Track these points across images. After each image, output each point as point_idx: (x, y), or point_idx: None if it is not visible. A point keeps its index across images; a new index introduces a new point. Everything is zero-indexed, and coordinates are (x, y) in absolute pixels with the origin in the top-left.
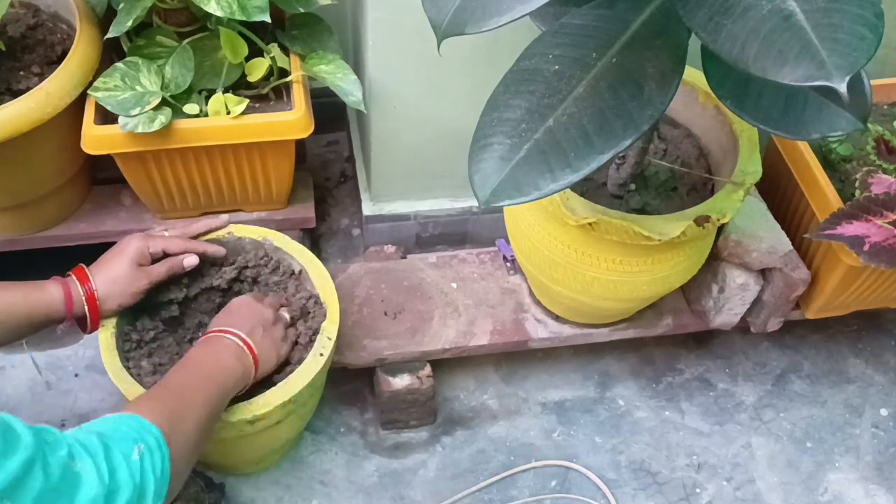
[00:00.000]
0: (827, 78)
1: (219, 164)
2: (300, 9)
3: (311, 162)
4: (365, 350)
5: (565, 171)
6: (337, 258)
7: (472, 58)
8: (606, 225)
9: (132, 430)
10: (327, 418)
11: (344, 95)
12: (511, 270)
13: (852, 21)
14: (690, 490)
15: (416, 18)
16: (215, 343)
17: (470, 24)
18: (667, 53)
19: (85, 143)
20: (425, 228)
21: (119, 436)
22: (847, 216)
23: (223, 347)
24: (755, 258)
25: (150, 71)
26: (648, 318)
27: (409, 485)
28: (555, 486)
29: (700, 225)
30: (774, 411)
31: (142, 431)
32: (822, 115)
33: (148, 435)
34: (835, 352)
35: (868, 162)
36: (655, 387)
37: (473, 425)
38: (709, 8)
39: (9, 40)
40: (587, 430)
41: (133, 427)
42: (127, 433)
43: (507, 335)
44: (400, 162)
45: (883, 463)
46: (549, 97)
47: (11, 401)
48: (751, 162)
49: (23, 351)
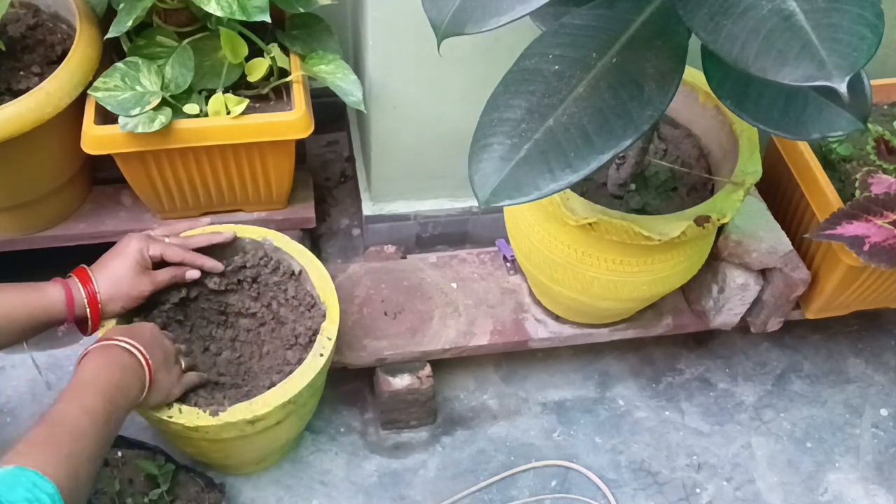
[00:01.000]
0: (827, 78)
1: (219, 164)
2: (300, 9)
3: (311, 162)
4: (365, 350)
5: (565, 171)
6: (337, 258)
7: (472, 58)
8: (606, 225)
9: (25, 489)
10: (327, 418)
11: (344, 95)
12: (511, 270)
13: (852, 21)
14: (690, 490)
15: (416, 18)
16: (115, 356)
17: (470, 24)
18: (667, 53)
19: (85, 143)
20: (425, 228)
21: (13, 499)
22: (847, 216)
23: (126, 363)
24: (755, 258)
25: (151, 71)
26: (648, 318)
27: (409, 485)
28: (555, 486)
29: (700, 225)
30: (774, 411)
31: (35, 490)
32: (823, 115)
33: (42, 493)
34: (835, 352)
35: (868, 162)
36: (655, 387)
37: (473, 425)
38: (709, 8)
39: (9, 40)
40: (587, 430)
41: (26, 486)
42: (21, 495)
43: (507, 335)
44: (400, 162)
45: (883, 463)
46: (550, 97)
47: (11, 401)
48: (751, 162)
49: (23, 351)
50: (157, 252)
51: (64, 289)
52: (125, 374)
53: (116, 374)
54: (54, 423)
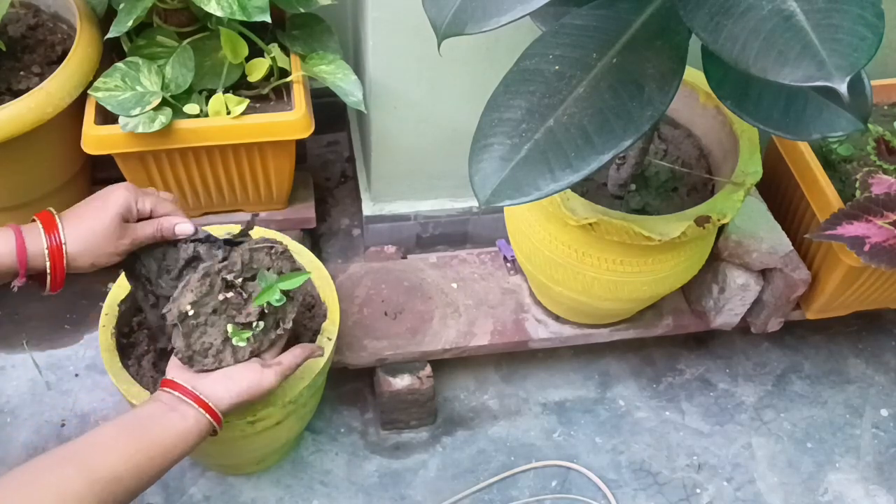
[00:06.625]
0: (827, 78)
1: (219, 164)
2: (300, 9)
3: (311, 162)
4: (365, 350)
5: (565, 172)
6: (337, 258)
7: (472, 58)
8: (607, 225)
9: None
10: (328, 418)
11: (344, 96)
12: (511, 271)
13: (853, 21)
14: (691, 490)
15: (416, 18)
16: (184, 419)
17: (470, 24)
18: (667, 54)
19: (85, 143)
20: (425, 228)
21: None
22: (847, 216)
23: (191, 425)
24: (755, 258)
25: (151, 71)
26: (649, 318)
27: (409, 485)
28: (555, 487)
29: (700, 225)
30: (775, 411)
31: None
32: (823, 115)
33: None
34: (835, 352)
35: (868, 162)
36: (656, 387)
37: (474, 425)
38: (709, 8)
39: (9, 40)
40: (587, 430)
41: None
42: None
43: (507, 335)
44: (400, 162)
45: (883, 463)
46: (550, 97)
47: (12, 401)
48: (751, 162)
49: (23, 351)
50: (147, 207)
51: (15, 235)
52: (188, 436)
53: (173, 433)
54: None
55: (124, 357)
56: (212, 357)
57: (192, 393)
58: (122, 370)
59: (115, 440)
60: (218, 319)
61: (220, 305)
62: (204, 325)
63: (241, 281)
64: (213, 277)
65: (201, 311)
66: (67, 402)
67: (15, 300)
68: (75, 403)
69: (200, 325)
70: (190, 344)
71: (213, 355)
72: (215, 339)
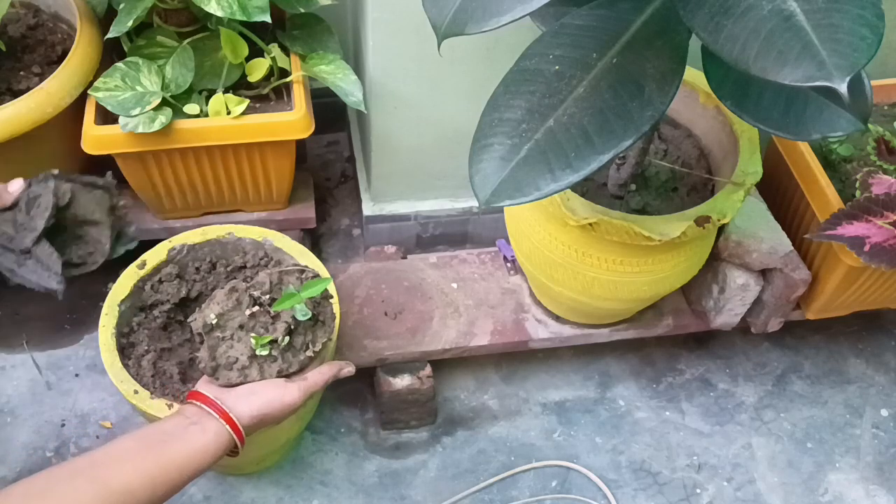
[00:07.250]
0: (827, 78)
1: (219, 164)
2: (300, 9)
3: (311, 162)
4: (365, 350)
5: (566, 172)
6: (337, 258)
7: (472, 58)
8: (607, 225)
9: None
10: (328, 418)
11: (344, 96)
12: (511, 271)
13: (853, 21)
14: (691, 490)
15: (416, 18)
16: (204, 433)
17: (470, 24)
18: (667, 54)
19: (85, 143)
20: (426, 229)
21: None
22: (847, 216)
23: (210, 439)
24: (755, 258)
25: (151, 71)
26: (649, 318)
27: (409, 485)
28: (555, 487)
29: (700, 225)
30: (775, 412)
31: None
32: (823, 115)
33: None
34: (835, 352)
35: (868, 162)
36: (656, 387)
37: (474, 425)
38: (709, 8)
39: (9, 40)
40: (587, 430)
41: None
42: None
43: (507, 335)
44: (400, 162)
45: (883, 463)
46: (550, 97)
47: (12, 401)
48: (751, 162)
49: (23, 351)
50: None
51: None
52: (212, 448)
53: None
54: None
55: (124, 357)
56: (237, 371)
57: (215, 403)
58: (122, 370)
59: (131, 453)
60: (244, 335)
61: (248, 322)
62: (230, 340)
63: (269, 300)
64: (240, 294)
65: (227, 324)
66: (67, 402)
67: (15, 300)
68: (75, 403)
69: (226, 338)
70: (215, 356)
71: (239, 370)
72: (241, 353)
